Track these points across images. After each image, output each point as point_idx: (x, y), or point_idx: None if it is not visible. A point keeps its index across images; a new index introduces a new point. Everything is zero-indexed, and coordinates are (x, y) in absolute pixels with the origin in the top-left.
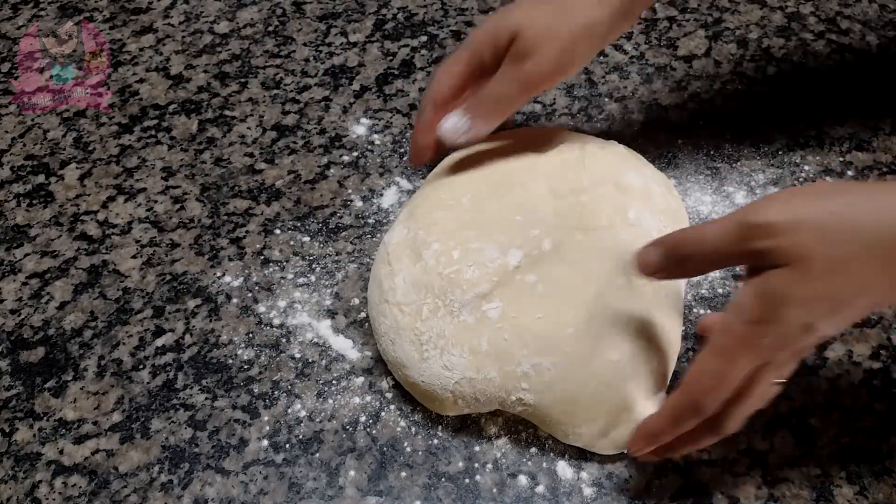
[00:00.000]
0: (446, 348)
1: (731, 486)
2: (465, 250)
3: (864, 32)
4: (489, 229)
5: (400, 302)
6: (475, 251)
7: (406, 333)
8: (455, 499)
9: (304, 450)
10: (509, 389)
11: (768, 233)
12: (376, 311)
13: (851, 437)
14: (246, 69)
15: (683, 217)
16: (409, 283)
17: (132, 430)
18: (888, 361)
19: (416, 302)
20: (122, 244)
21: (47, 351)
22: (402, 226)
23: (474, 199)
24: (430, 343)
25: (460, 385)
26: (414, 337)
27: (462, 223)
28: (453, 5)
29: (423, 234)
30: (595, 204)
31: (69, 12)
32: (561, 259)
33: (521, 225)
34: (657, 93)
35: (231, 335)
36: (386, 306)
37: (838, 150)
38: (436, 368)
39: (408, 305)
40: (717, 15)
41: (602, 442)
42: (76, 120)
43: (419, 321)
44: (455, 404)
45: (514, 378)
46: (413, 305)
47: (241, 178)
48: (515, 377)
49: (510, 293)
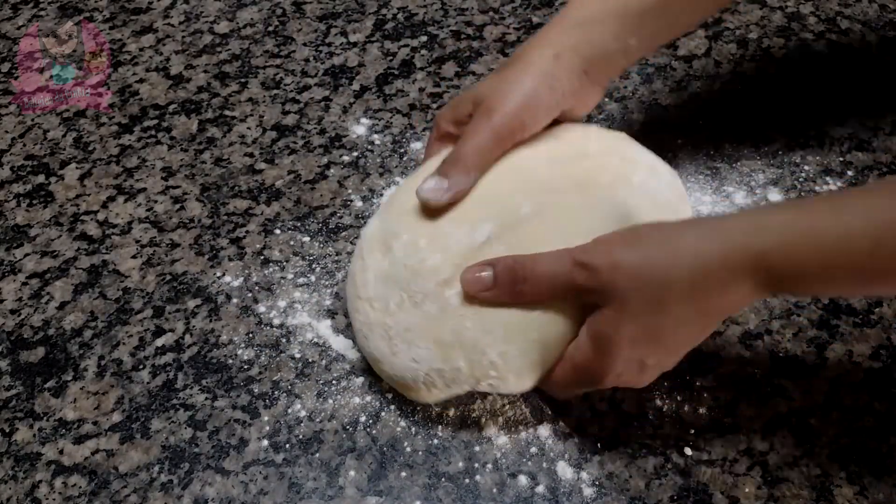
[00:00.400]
0: (413, 342)
1: (731, 486)
2: (433, 236)
3: (864, 32)
4: (465, 206)
5: (371, 297)
6: (442, 236)
7: (377, 329)
8: (455, 499)
9: (304, 450)
10: (478, 377)
11: (591, 273)
12: (351, 306)
13: (851, 437)
14: (246, 69)
15: (686, 208)
16: (378, 278)
17: (132, 430)
18: (888, 361)
19: (384, 296)
20: (122, 244)
21: (47, 351)
22: (377, 218)
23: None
24: (398, 337)
25: (430, 376)
26: (384, 332)
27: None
28: (453, 5)
29: (394, 226)
30: (597, 168)
31: (69, 12)
32: (541, 223)
33: (501, 193)
34: (657, 93)
35: (231, 335)
36: (359, 302)
37: (838, 150)
38: (405, 362)
39: (378, 300)
40: (717, 15)
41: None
42: (76, 120)
43: (388, 316)
44: (430, 393)
45: (482, 366)
46: (382, 300)
47: (241, 178)
48: (483, 365)
49: None
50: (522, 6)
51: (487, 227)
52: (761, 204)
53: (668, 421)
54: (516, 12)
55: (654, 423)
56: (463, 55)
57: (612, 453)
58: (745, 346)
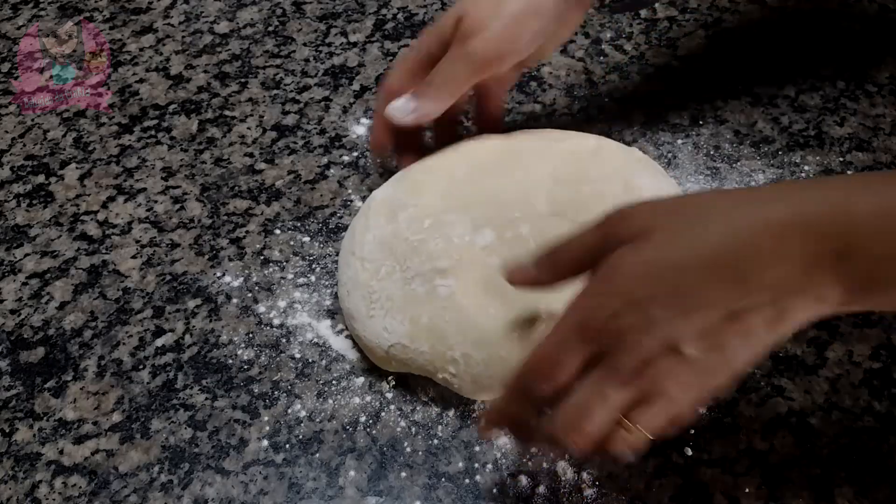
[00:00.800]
0: (391, 311)
1: (731, 486)
2: (438, 221)
3: (864, 32)
4: (471, 204)
5: (364, 258)
6: (447, 223)
7: (361, 288)
8: (455, 499)
9: (304, 450)
10: (437, 366)
11: (622, 217)
12: (343, 260)
13: (851, 437)
14: (246, 69)
15: None
16: (377, 242)
17: (132, 430)
18: (888, 361)
19: (377, 261)
20: (122, 244)
21: (47, 351)
22: (391, 185)
23: (470, 172)
24: (378, 303)
25: (395, 349)
26: (366, 293)
27: (446, 192)
28: (453, 5)
29: (404, 196)
30: (596, 197)
31: (69, 12)
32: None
33: (505, 205)
34: (657, 93)
35: (231, 335)
36: (352, 258)
37: (838, 150)
38: (377, 328)
39: (370, 262)
40: (717, 15)
41: None
42: (76, 120)
43: (375, 280)
44: (390, 363)
45: (443, 359)
46: (374, 263)
47: (241, 178)
48: (444, 359)
49: (468, 274)
50: None
51: (490, 234)
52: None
53: None
54: None
55: None
56: None
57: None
58: None
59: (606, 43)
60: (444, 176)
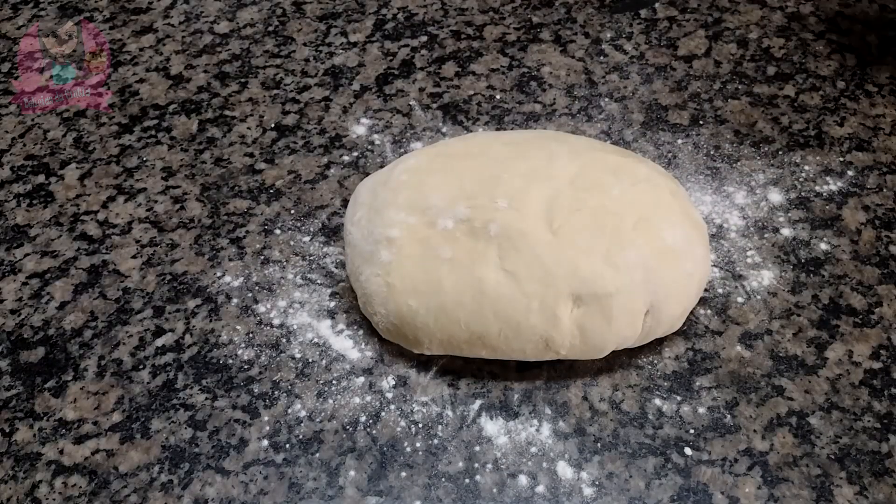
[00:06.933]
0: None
1: (731, 486)
2: (419, 190)
3: (864, 32)
4: (464, 180)
5: (359, 219)
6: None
7: (350, 249)
8: (455, 499)
9: (304, 450)
10: (363, 299)
11: None
12: (348, 220)
13: (851, 437)
14: (246, 69)
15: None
16: (373, 207)
17: (132, 430)
18: (888, 361)
19: (361, 222)
20: (122, 244)
21: (47, 351)
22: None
23: (486, 151)
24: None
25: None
26: (356, 253)
27: (447, 167)
28: (453, 5)
29: (414, 163)
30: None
31: (69, 12)
32: (497, 246)
33: (495, 188)
34: (657, 93)
35: (231, 335)
36: (353, 218)
37: (838, 150)
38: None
39: (358, 225)
40: (717, 15)
41: None
42: (76, 120)
43: (361, 240)
44: (365, 310)
45: (366, 294)
46: (359, 225)
47: (241, 178)
48: (366, 294)
49: (414, 252)
50: (522, 6)
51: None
52: (761, 204)
53: (668, 421)
54: (516, 12)
55: (654, 423)
56: (463, 55)
57: (612, 453)
58: (746, 346)
59: (606, 43)
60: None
